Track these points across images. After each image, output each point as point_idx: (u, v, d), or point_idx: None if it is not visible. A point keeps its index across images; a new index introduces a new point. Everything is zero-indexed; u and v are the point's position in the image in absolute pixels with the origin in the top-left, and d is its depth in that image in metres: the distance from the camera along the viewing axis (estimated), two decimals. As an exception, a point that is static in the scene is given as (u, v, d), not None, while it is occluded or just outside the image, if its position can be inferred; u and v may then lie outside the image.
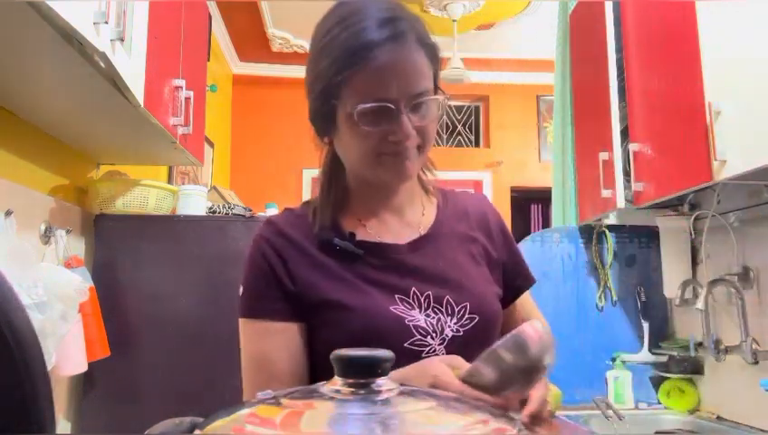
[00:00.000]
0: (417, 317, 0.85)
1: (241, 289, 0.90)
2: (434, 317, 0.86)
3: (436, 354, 0.84)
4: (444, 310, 0.87)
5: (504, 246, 1.00)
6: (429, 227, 0.95)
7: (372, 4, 0.83)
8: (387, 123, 0.82)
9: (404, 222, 0.94)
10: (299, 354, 0.86)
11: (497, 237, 1.00)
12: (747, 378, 1.86)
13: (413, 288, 0.87)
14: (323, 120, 0.89)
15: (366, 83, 0.80)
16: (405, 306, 0.86)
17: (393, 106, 0.81)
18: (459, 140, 5.01)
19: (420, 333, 0.85)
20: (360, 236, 0.91)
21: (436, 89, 0.88)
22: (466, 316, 0.87)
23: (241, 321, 0.89)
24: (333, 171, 0.95)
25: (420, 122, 0.83)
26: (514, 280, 1.01)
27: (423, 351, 0.84)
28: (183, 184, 2.97)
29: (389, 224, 0.93)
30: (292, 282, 0.87)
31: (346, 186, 0.95)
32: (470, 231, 0.97)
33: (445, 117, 5.03)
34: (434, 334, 0.85)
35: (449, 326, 0.86)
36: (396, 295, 0.86)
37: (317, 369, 0.88)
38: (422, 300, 0.87)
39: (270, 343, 0.86)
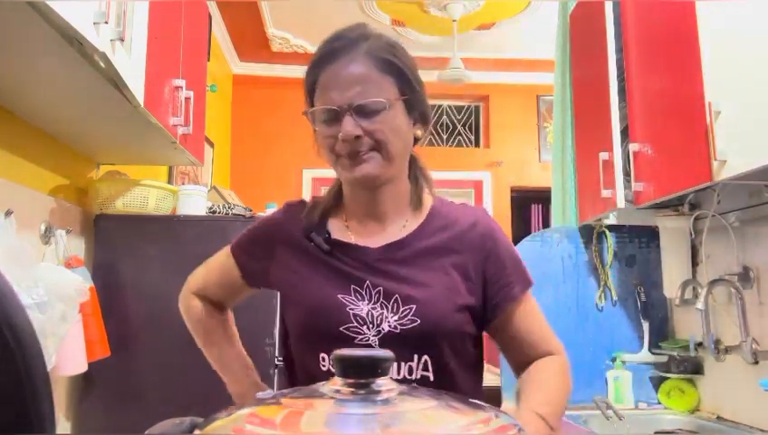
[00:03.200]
0: (361, 307, 0.94)
1: (245, 232, 1.11)
2: (378, 311, 0.93)
3: (370, 345, 0.92)
4: (389, 306, 0.93)
5: (490, 260, 1.01)
6: (406, 235, 1.00)
7: (345, 28, 0.98)
8: (336, 125, 0.93)
9: (383, 229, 1.01)
10: (231, 296, 1.15)
11: (482, 251, 1.00)
12: (747, 378, 1.86)
13: (368, 281, 0.95)
14: (312, 125, 1.00)
15: (321, 91, 0.95)
16: (355, 296, 0.95)
17: (338, 109, 0.92)
18: (459, 140, 5.01)
19: (357, 322, 0.93)
20: (339, 236, 1.01)
21: (408, 101, 0.96)
22: (409, 317, 0.93)
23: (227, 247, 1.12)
24: (339, 182, 1.07)
25: (370, 126, 0.92)
26: (497, 294, 1.00)
27: (357, 338, 0.93)
28: (183, 184, 2.97)
29: (369, 229, 1.01)
30: (271, 255, 1.04)
31: (340, 190, 1.06)
32: (449, 243, 1.00)
33: (445, 117, 5.02)
34: (371, 325, 0.93)
35: (388, 322, 0.93)
36: (351, 286, 0.95)
37: (286, 334, 1.05)
38: (372, 293, 0.95)
39: (224, 274, 1.11)
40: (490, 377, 3.45)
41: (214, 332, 1.16)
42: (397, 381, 0.87)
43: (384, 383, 0.47)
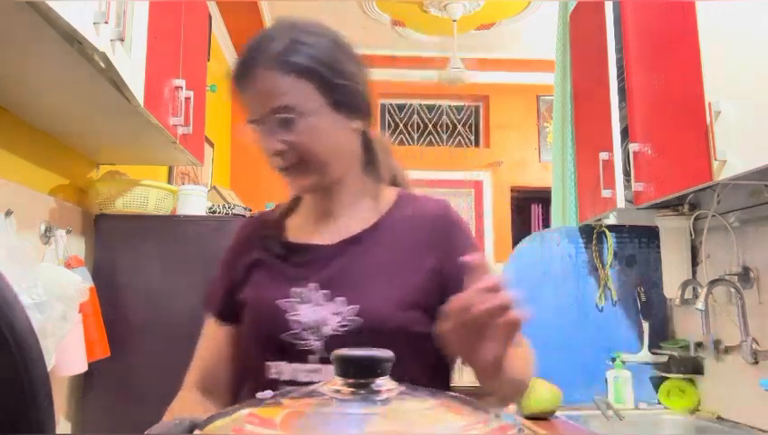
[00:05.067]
0: (302, 312, 0.89)
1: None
2: (320, 314, 0.89)
3: (313, 350, 0.88)
4: (332, 308, 0.89)
5: (450, 255, 0.93)
6: (359, 231, 0.96)
7: (259, 36, 0.93)
8: (260, 140, 0.91)
9: (337, 226, 0.98)
10: (221, 356, 1.00)
11: (441, 246, 0.95)
12: (747, 378, 1.86)
13: (313, 284, 0.91)
14: None
15: (243, 106, 0.93)
16: (296, 300, 0.91)
17: (255, 125, 0.90)
18: (459, 140, 5.01)
19: (298, 328, 0.89)
20: (297, 237, 0.99)
21: (335, 98, 0.91)
22: (351, 318, 0.88)
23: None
24: None
25: (288, 137, 0.88)
26: (458, 289, 0.90)
27: (298, 344, 0.89)
28: (183, 184, 2.96)
29: (321, 227, 0.99)
30: (233, 274, 0.99)
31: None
32: (408, 237, 0.95)
33: (445, 117, 5.03)
34: (312, 330, 0.89)
35: (330, 325, 0.88)
36: (293, 289, 0.91)
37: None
38: (316, 296, 0.90)
39: (210, 338, 1.02)
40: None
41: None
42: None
43: (384, 383, 0.47)
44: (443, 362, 0.96)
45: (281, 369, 0.89)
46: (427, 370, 0.92)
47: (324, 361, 0.87)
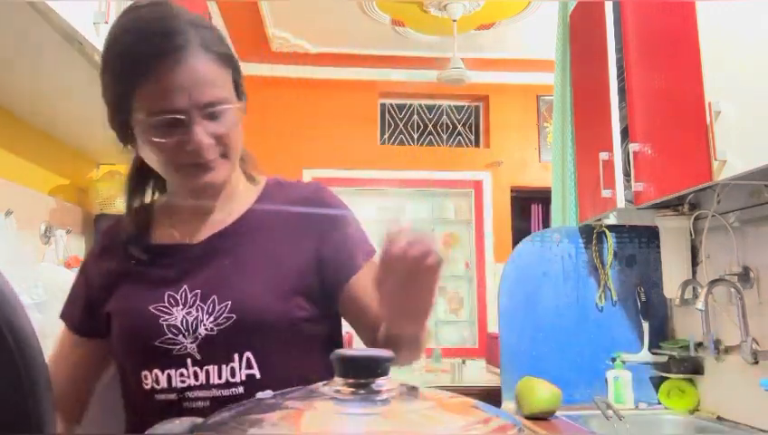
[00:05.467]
0: (175, 316, 0.86)
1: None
2: (193, 316, 0.85)
3: (189, 353, 0.84)
4: (206, 308, 0.85)
5: (326, 236, 0.93)
6: (230, 224, 0.92)
7: (154, 14, 0.83)
8: (180, 134, 0.82)
9: (209, 221, 0.93)
10: (75, 377, 0.96)
11: (316, 228, 0.93)
12: (747, 378, 1.86)
13: (185, 286, 0.87)
14: (120, 130, 0.88)
15: (152, 97, 0.81)
16: (169, 303, 0.86)
17: (184, 117, 0.81)
18: (459, 140, 5.01)
19: (172, 332, 0.85)
20: (162, 238, 0.93)
21: (240, 95, 0.90)
22: (224, 315, 0.85)
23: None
24: (140, 177, 0.98)
25: (218, 130, 0.84)
26: (338, 271, 0.92)
27: (174, 349, 0.85)
28: (183, 184, 2.96)
29: (193, 225, 0.93)
30: (88, 291, 0.94)
31: (159, 189, 0.98)
32: (280, 224, 0.93)
33: (445, 117, 5.02)
34: (186, 333, 0.85)
35: (204, 325, 0.85)
36: (166, 293, 0.87)
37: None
38: (189, 297, 0.86)
39: (64, 351, 0.97)
40: (490, 377, 3.46)
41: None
42: (218, 386, 0.84)
43: (384, 383, 0.47)
44: (330, 344, 0.90)
45: (156, 377, 0.85)
46: (314, 354, 0.87)
47: (198, 363, 0.84)
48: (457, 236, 4.73)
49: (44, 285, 1.37)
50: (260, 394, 0.50)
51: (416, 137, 4.96)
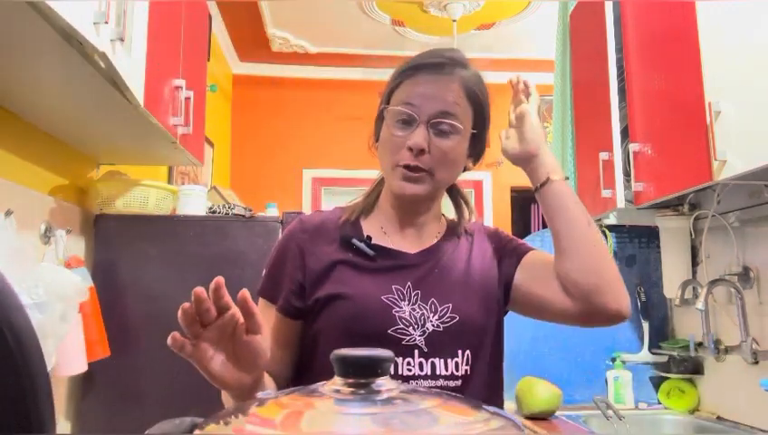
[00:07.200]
0: (404, 309, 0.96)
1: (264, 271, 1.05)
2: (419, 312, 0.97)
3: (417, 344, 0.95)
4: (428, 307, 0.97)
5: (502, 251, 1.09)
6: (436, 241, 1.06)
7: (449, 50, 1.04)
8: (408, 130, 0.97)
9: (420, 236, 1.06)
10: (282, 344, 1.00)
11: (497, 248, 1.09)
12: (747, 378, 1.86)
13: (408, 283, 0.98)
14: (377, 123, 1.05)
15: (405, 92, 0.99)
16: (397, 297, 0.97)
17: (415, 115, 0.96)
18: (459, 140, 5.02)
19: (403, 323, 0.95)
20: (378, 240, 1.03)
21: (475, 135, 1.04)
22: (448, 315, 0.97)
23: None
24: (378, 183, 1.11)
25: (437, 144, 0.96)
26: (509, 266, 1.07)
27: (404, 339, 0.95)
28: (183, 184, 2.96)
29: (407, 236, 1.05)
30: (302, 274, 0.99)
31: (379, 195, 1.10)
32: (472, 246, 1.08)
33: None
34: (415, 326, 0.96)
35: (431, 321, 0.96)
36: (393, 286, 0.97)
37: (313, 360, 1.00)
38: (412, 295, 0.98)
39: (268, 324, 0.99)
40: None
41: None
42: (445, 377, 0.94)
43: (384, 383, 0.47)
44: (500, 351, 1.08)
45: None
46: (499, 362, 1.05)
47: (425, 355, 0.94)
48: (457, 236, 4.72)
49: (44, 285, 1.38)
50: (260, 394, 0.50)
51: (416, 137, 4.95)
